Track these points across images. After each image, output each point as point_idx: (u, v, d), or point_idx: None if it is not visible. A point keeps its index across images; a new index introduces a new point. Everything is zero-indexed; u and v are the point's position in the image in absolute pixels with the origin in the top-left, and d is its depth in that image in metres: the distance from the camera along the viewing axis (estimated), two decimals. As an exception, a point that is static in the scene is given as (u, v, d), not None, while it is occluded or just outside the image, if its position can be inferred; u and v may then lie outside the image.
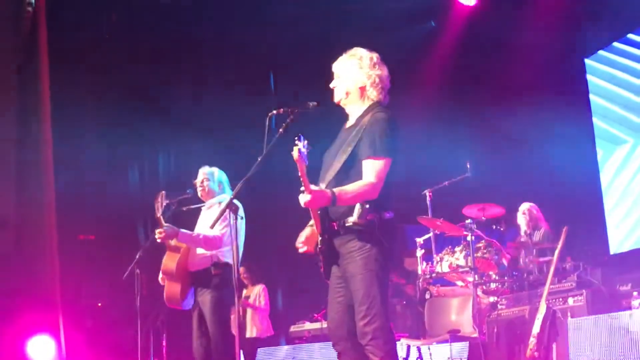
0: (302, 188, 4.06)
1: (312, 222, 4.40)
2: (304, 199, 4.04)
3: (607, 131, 10.25)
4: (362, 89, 4.40)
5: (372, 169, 4.17)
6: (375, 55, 4.46)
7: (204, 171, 6.43)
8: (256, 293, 8.67)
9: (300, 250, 4.44)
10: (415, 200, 8.78)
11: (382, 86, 4.42)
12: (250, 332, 9.05)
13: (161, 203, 5.96)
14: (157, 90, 11.20)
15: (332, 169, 4.29)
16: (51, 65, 9.73)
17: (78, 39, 10.47)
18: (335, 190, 4.09)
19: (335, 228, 4.22)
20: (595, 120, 10.40)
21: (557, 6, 10.11)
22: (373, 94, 4.40)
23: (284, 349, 9.34)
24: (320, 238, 4.26)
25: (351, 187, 4.13)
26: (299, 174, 4.02)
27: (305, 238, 4.42)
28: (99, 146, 10.95)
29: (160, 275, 6.13)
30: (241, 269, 9.13)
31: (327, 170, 4.34)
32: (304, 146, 3.97)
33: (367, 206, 4.12)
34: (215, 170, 6.47)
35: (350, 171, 4.23)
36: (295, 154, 3.96)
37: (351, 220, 4.14)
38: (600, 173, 10.27)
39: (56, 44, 9.73)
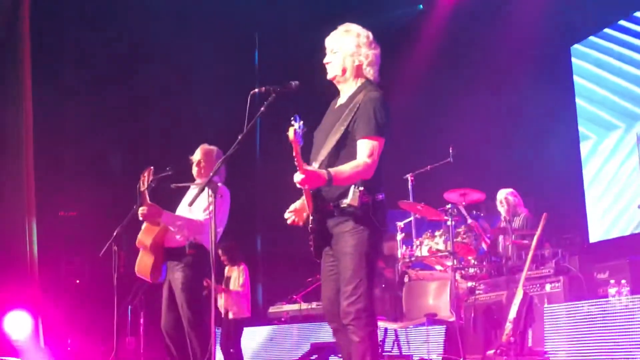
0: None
1: (303, 197, 4.35)
2: (297, 177, 4.01)
3: (596, 116, 10.26)
4: (359, 67, 4.36)
5: (366, 149, 4.14)
6: (370, 34, 4.44)
7: (202, 149, 6.26)
8: (236, 274, 8.61)
9: (288, 221, 4.39)
10: (397, 184, 8.79)
11: (377, 65, 4.40)
12: (226, 313, 9.05)
13: (147, 178, 5.86)
14: (141, 69, 11.16)
15: (325, 148, 4.25)
16: (32, 42, 9.74)
17: (61, 18, 10.43)
18: (331, 170, 4.06)
19: (330, 209, 4.20)
20: (585, 105, 10.40)
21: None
22: (370, 73, 4.37)
23: (263, 329, 9.38)
24: (311, 217, 4.23)
25: (347, 167, 4.10)
26: (294, 154, 3.97)
27: (294, 209, 4.36)
28: (81, 122, 10.88)
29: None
30: (219, 250, 9.07)
31: (319, 150, 4.30)
32: (299, 127, 3.92)
33: (362, 188, 4.10)
34: (214, 149, 6.25)
35: (342, 151, 4.20)
36: (290, 134, 3.90)
37: (346, 202, 4.12)
38: (587, 162, 10.29)
39: (38, 22, 9.78)
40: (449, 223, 7.66)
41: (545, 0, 10.14)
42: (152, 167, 5.92)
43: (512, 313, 6.20)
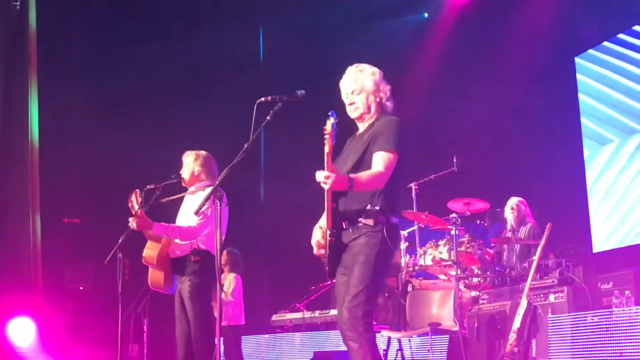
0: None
1: (320, 223, 4.57)
2: (322, 175, 4.13)
3: (593, 130, 10.27)
4: (379, 103, 4.59)
5: (381, 160, 4.34)
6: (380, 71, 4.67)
7: (186, 155, 6.25)
8: (228, 282, 8.61)
9: (316, 252, 4.56)
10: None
11: (391, 99, 4.64)
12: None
13: (137, 200, 5.84)
14: (146, 79, 11.17)
15: (344, 167, 4.44)
16: (39, 47, 9.78)
17: (68, 24, 10.48)
18: (352, 175, 4.24)
19: (345, 227, 4.39)
20: (582, 119, 10.42)
21: (549, 4, 10.13)
22: (387, 107, 4.60)
23: (266, 337, 9.38)
24: (329, 232, 4.37)
25: (364, 174, 4.30)
26: (326, 151, 4.14)
27: (320, 244, 4.53)
28: (87, 129, 10.91)
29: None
30: (223, 253, 9.02)
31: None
32: (333, 123, 4.14)
33: (377, 208, 4.33)
34: (198, 154, 6.23)
35: (360, 168, 4.38)
36: (328, 126, 4.12)
37: (361, 221, 4.34)
38: (590, 172, 10.28)
39: (45, 29, 9.84)
40: (452, 232, 7.66)
41: (550, 10, 10.15)
42: (137, 190, 5.91)
43: (516, 323, 6.20)
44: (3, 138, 9.69)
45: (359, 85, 4.58)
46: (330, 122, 4.11)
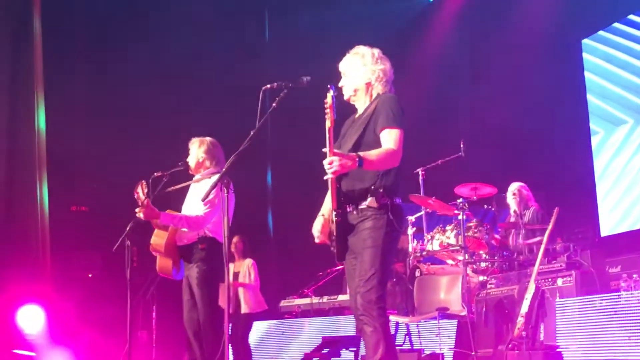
0: (326, 149, 4.11)
1: (322, 211, 4.58)
2: (329, 161, 4.08)
3: (606, 111, 10.20)
4: (368, 85, 4.57)
5: (390, 138, 4.30)
6: (376, 51, 4.62)
7: (192, 142, 6.25)
8: (245, 268, 8.62)
9: (317, 240, 4.57)
10: (407, 178, 8.78)
11: (386, 79, 4.59)
12: (243, 308, 9.04)
13: (143, 191, 5.83)
14: (151, 66, 11.14)
15: (344, 148, 4.40)
16: (44, 37, 9.77)
17: (72, 9, 10.47)
18: (361, 153, 4.18)
19: (349, 209, 4.37)
20: (594, 99, 10.34)
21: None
22: (378, 88, 4.56)
23: (274, 323, 9.40)
24: (334, 212, 4.35)
25: (375, 152, 4.25)
26: (327, 126, 4.09)
27: (320, 233, 4.55)
28: (94, 115, 10.91)
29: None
30: (235, 239, 9.00)
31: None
32: (333, 96, 4.10)
33: (381, 190, 4.31)
34: (203, 140, 6.22)
35: (359, 149, 4.33)
36: (329, 99, 4.08)
37: (365, 204, 4.33)
38: (598, 156, 10.24)
39: (49, 16, 9.82)
40: (460, 217, 7.65)
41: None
42: (143, 181, 5.90)
43: (524, 307, 6.19)
44: (10, 127, 9.71)
45: (347, 68, 4.61)
46: (330, 95, 4.08)
